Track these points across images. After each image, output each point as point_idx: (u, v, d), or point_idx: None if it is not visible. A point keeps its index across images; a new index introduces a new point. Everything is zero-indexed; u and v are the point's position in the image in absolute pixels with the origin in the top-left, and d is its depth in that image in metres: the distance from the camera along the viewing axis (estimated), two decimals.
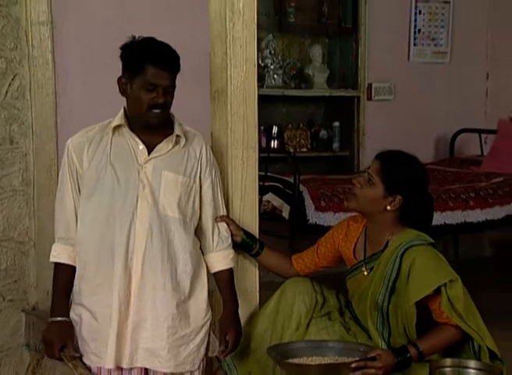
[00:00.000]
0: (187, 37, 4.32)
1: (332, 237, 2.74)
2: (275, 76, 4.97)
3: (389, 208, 2.54)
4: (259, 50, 4.94)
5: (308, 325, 2.64)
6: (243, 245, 2.72)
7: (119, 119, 2.48)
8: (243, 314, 2.74)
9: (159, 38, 4.17)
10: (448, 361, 2.34)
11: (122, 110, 2.51)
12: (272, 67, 4.95)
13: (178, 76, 4.33)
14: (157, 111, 2.42)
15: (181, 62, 4.40)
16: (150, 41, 2.47)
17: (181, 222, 2.46)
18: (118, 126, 2.47)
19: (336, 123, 5.16)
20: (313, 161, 5.06)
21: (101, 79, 4.13)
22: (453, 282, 2.43)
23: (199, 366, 2.50)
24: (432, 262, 2.47)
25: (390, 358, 2.40)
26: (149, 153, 2.46)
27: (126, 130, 2.47)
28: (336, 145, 5.18)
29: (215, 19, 2.74)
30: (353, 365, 2.36)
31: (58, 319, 2.43)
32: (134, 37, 2.46)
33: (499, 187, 4.17)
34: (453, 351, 2.51)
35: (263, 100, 4.75)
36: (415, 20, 5.41)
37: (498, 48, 5.74)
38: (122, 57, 2.45)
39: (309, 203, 3.51)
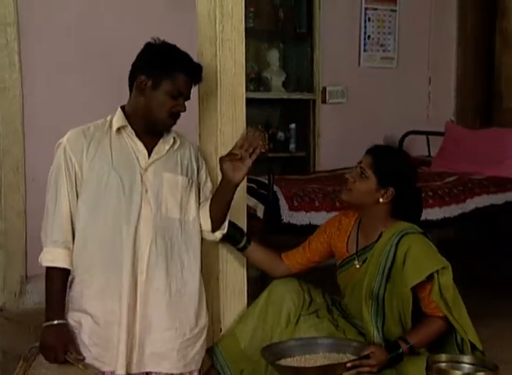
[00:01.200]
0: (146, 40, 4.20)
1: (325, 232, 2.71)
2: None
3: (381, 200, 2.53)
4: None
5: (297, 323, 2.60)
6: (230, 237, 2.63)
7: (120, 120, 2.36)
8: (232, 313, 2.68)
9: (125, 39, 4.08)
10: (443, 356, 2.33)
11: (119, 110, 2.39)
12: None
13: None
14: (172, 121, 2.35)
15: None
16: (181, 51, 2.36)
17: (183, 222, 2.39)
18: (119, 128, 2.36)
19: (293, 125, 5.13)
20: (270, 161, 5.00)
21: (68, 80, 3.98)
22: (445, 269, 2.45)
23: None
24: (426, 249, 2.49)
25: (383, 355, 2.38)
26: (148, 155, 2.37)
27: (128, 132, 2.36)
28: (292, 146, 5.14)
29: (203, 21, 2.65)
30: (348, 364, 2.32)
31: (55, 322, 2.29)
32: (165, 43, 2.35)
33: (454, 185, 4.20)
34: (437, 343, 2.50)
35: None
36: (365, 27, 5.42)
37: (438, 55, 5.83)
38: (148, 55, 2.34)
39: (283, 203, 3.45)
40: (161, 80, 2.29)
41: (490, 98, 5.81)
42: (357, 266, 2.58)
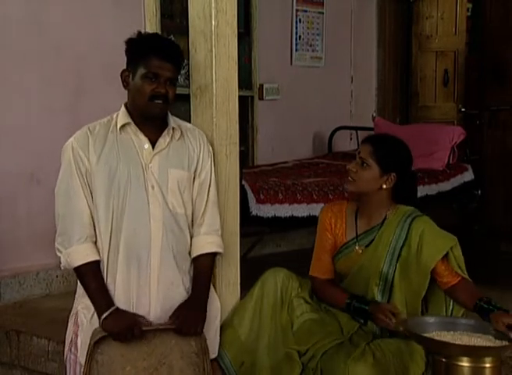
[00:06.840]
0: (97, 37, 3.97)
1: (326, 228, 2.60)
2: (179, 76, 4.70)
3: (384, 186, 2.50)
4: None
5: (289, 305, 2.53)
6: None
7: (123, 117, 2.25)
8: (227, 305, 2.57)
9: (70, 38, 3.82)
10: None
11: (123, 107, 2.28)
12: None
13: (88, 73, 3.98)
14: (158, 101, 2.23)
15: (91, 60, 4.04)
16: (155, 35, 2.35)
17: (187, 217, 2.30)
18: (124, 125, 2.25)
19: None
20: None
21: (22, 77, 3.68)
22: (456, 244, 2.47)
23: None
24: (438, 229, 2.49)
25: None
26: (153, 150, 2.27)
27: (131, 129, 2.25)
28: None
29: (197, 16, 2.53)
30: None
31: (111, 310, 2.15)
32: (140, 33, 2.28)
33: None
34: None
35: None
36: (296, 28, 5.38)
37: (360, 56, 5.88)
38: (127, 50, 2.26)
39: (251, 196, 3.36)
40: (137, 68, 2.24)
41: (408, 96, 5.94)
42: (360, 251, 2.51)
